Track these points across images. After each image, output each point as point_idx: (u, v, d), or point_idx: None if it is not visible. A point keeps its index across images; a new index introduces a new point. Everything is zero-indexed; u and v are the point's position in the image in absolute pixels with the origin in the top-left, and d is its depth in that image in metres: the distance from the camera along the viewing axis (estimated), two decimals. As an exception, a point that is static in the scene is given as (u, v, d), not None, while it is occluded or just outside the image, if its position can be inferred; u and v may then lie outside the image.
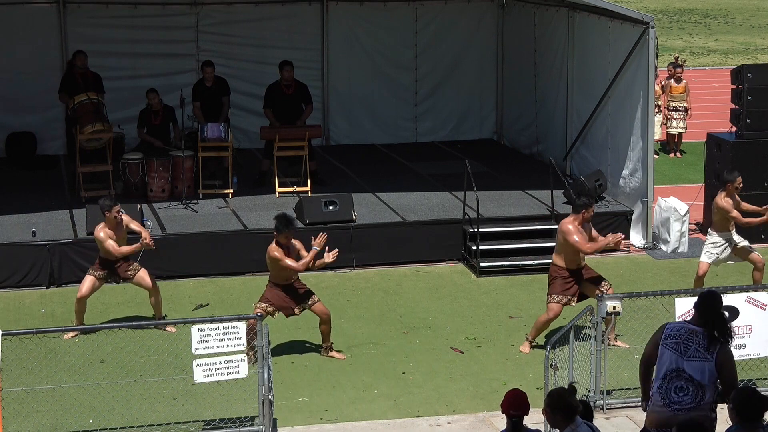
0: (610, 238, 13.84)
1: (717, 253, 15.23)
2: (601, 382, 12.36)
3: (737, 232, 15.43)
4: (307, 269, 13.48)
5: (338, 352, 13.90)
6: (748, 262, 15.48)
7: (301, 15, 22.77)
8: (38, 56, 21.56)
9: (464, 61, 23.46)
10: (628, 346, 13.43)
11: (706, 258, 15.31)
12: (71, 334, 14.17)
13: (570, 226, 13.65)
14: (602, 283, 13.73)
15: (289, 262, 13.24)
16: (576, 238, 13.56)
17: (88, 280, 14.36)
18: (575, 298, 13.80)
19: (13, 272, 16.23)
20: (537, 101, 21.85)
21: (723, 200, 15.17)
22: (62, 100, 19.46)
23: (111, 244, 14.18)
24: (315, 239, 13.38)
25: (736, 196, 15.34)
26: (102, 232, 14.23)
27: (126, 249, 14.30)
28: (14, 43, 21.48)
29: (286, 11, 22.67)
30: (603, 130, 19.34)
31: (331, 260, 13.45)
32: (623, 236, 14.28)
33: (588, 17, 19.68)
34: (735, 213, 15.13)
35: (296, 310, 13.58)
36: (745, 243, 15.38)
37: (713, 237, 15.31)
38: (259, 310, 13.31)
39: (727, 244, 15.26)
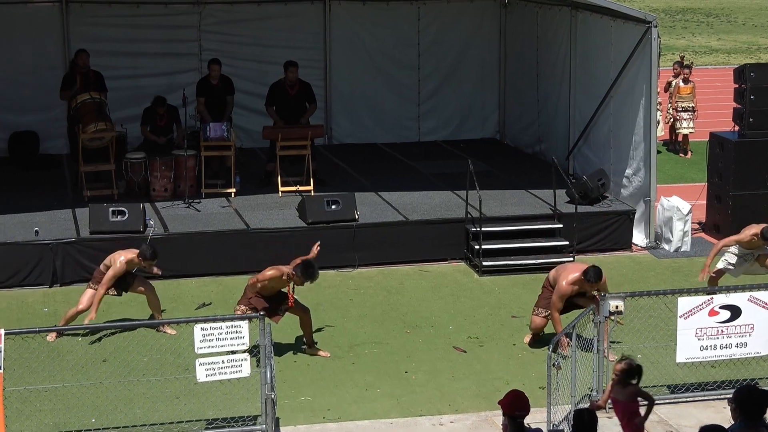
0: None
1: (732, 263, 15.08)
2: (603, 382, 12.34)
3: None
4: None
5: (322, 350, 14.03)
6: None
7: (304, 14, 22.78)
8: (41, 55, 21.57)
9: (467, 60, 23.46)
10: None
11: (720, 264, 15.17)
12: (53, 335, 14.09)
13: (565, 283, 13.58)
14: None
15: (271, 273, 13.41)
16: (558, 296, 13.61)
17: (89, 294, 14.20)
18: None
19: (16, 271, 16.23)
20: (539, 100, 21.85)
21: (748, 232, 14.89)
22: (64, 99, 19.45)
23: (111, 275, 14.03)
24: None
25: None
26: (119, 263, 14.06)
27: (101, 292, 14.01)
28: (17, 42, 21.48)
29: (289, 10, 22.66)
30: (605, 129, 19.33)
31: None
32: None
33: (590, 16, 19.67)
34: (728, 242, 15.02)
35: (280, 312, 13.63)
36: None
37: (734, 248, 15.14)
38: (239, 312, 13.30)
39: (746, 256, 15.06)
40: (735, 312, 12.43)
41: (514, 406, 8.91)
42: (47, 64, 21.44)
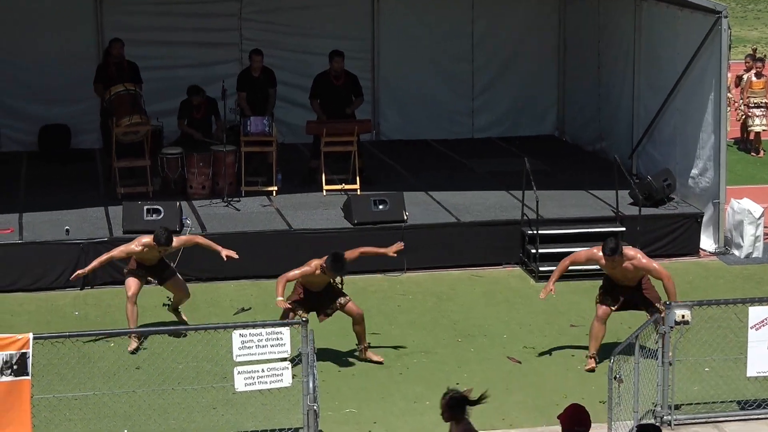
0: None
1: None
2: (668, 396, 12.25)
3: None
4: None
5: (375, 354, 13.99)
6: None
7: (351, 2, 22.77)
8: (73, 45, 21.67)
9: (524, 51, 23.35)
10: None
11: None
12: (133, 345, 14.16)
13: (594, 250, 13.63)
14: (655, 306, 13.59)
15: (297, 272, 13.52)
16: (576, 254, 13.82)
17: (133, 281, 14.32)
18: (615, 304, 13.78)
19: (46, 273, 16.32)
20: (601, 95, 21.72)
21: None
22: (97, 91, 19.54)
23: (122, 248, 14.24)
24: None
25: None
26: (135, 243, 14.22)
27: (89, 267, 14.41)
28: (48, 31, 21.58)
29: (335, -2, 22.70)
30: (671, 125, 19.20)
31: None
32: None
33: (656, 6, 19.55)
34: None
35: (327, 311, 13.69)
36: None
37: None
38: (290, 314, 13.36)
39: None
40: None
41: (574, 421, 8.83)
42: (80, 55, 21.52)
